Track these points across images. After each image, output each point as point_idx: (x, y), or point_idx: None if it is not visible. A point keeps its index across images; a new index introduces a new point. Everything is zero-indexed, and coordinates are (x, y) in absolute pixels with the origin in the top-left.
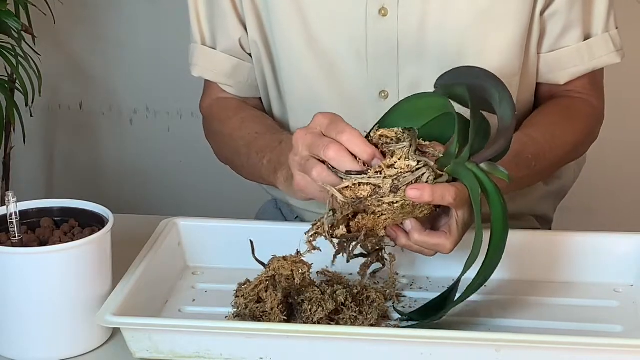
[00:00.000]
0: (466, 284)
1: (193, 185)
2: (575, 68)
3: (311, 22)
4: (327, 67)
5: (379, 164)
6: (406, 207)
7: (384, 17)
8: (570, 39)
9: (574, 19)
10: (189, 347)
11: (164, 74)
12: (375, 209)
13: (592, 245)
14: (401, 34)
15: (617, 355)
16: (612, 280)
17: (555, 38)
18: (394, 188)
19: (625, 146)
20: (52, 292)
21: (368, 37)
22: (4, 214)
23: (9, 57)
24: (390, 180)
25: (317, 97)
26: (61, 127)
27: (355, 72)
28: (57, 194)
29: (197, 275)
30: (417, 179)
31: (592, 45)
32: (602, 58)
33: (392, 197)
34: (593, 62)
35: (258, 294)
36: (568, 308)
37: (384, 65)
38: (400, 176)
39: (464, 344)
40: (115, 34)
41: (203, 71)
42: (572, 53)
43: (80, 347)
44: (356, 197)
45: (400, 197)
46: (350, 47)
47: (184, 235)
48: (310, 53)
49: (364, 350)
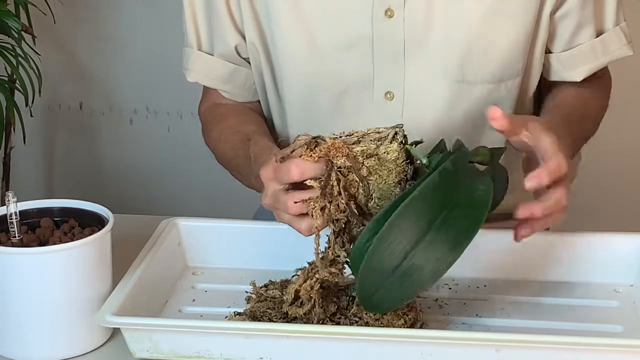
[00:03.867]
0: None
1: (193, 185)
2: (590, 65)
3: (314, 27)
4: (329, 71)
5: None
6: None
7: (390, 18)
8: (584, 36)
9: (586, 17)
10: (189, 347)
11: (164, 74)
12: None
13: (592, 245)
14: (407, 35)
15: (617, 355)
16: (612, 280)
17: (568, 37)
18: (358, 141)
19: (625, 146)
20: (52, 292)
21: (374, 38)
22: (4, 214)
23: (9, 57)
24: (356, 138)
25: (317, 104)
26: (61, 127)
27: (360, 74)
28: (57, 194)
29: (197, 275)
30: (381, 138)
31: (605, 40)
32: (615, 52)
33: (356, 147)
34: (607, 56)
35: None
36: (568, 308)
37: (390, 66)
38: (365, 135)
39: (464, 344)
40: (115, 34)
41: (199, 77)
42: (586, 50)
43: (80, 347)
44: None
45: (364, 148)
46: (355, 48)
47: (184, 235)
48: (312, 58)
49: (364, 350)
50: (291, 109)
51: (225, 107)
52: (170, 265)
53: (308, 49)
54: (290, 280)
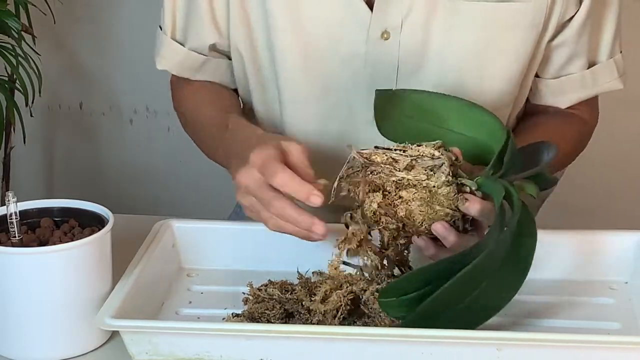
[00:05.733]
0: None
1: (193, 185)
2: (577, 94)
3: (310, 35)
4: (323, 84)
5: (402, 147)
6: (422, 192)
7: (385, 40)
8: (575, 67)
9: (580, 49)
10: (188, 349)
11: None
12: (385, 181)
13: (587, 243)
14: (401, 59)
15: (618, 352)
16: (607, 277)
17: (560, 66)
18: (409, 166)
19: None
20: (51, 292)
21: (367, 58)
22: (4, 214)
23: (9, 57)
24: (409, 158)
25: (312, 115)
26: (61, 127)
27: (352, 92)
28: (57, 194)
29: (192, 277)
30: (434, 167)
31: (596, 72)
32: (605, 85)
33: (404, 174)
34: (595, 88)
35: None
36: (564, 306)
37: (382, 88)
38: (419, 157)
39: (464, 343)
40: (115, 34)
41: (170, 65)
42: (576, 80)
43: (80, 347)
44: (369, 159)
45: (413, 177)
46: (348, 67)
47: (178, 236)
48: (307, 71)
49: (364, 350)
50: (284, 106)
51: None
52: (165, 267)
53: (303, 54)
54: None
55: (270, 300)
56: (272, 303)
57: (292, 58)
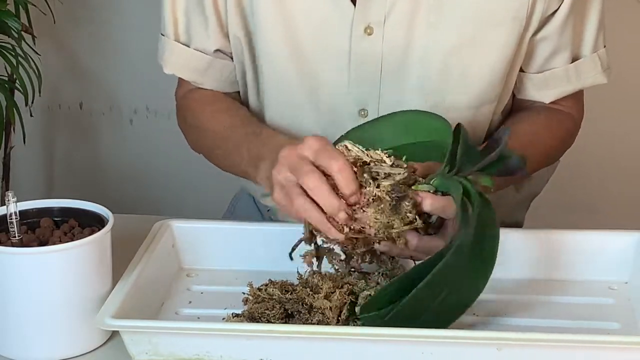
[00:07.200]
0: None
1: (193, 185)
2: (561, 88)
3: (297, 33)
4: (309, 78)
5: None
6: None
7: (369, 35)
8: (559, 61)
9: (563, 43)
10: (188, 349)
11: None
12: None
13: (587, 243)
14: (385, 54)
15: (618, 352)
16: (606, 277)
17: (543, 60)
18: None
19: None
20: (51, 292)
21: (351, 54)
22: (4, 214)
23: (9, 57)
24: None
25: (296, 108)
26: (61, 127)
27: (337, 87)
28: (57, 194)
29: (192, 277)
30: (388, 176)
31: (580, 66)
32: (589, 79)
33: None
34: (580, 82)
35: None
36: (564, 306)
37: (366, 83)
38: (377, 167)
39: (465, 342)
40: (115, 34)
41: (176, 69)
42: (560, 74)
43: (80, 347)
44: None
45: (382, 191)
46: (333, 61)
47: (178, 236)
48: (294, 63)
49: (364, 350)
50: (270, 112)
51: (210, 91)
52: (165, 267)
53: (290, 54)
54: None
55: (270, 300)
56: (272, 303)
57: (277, 52)
